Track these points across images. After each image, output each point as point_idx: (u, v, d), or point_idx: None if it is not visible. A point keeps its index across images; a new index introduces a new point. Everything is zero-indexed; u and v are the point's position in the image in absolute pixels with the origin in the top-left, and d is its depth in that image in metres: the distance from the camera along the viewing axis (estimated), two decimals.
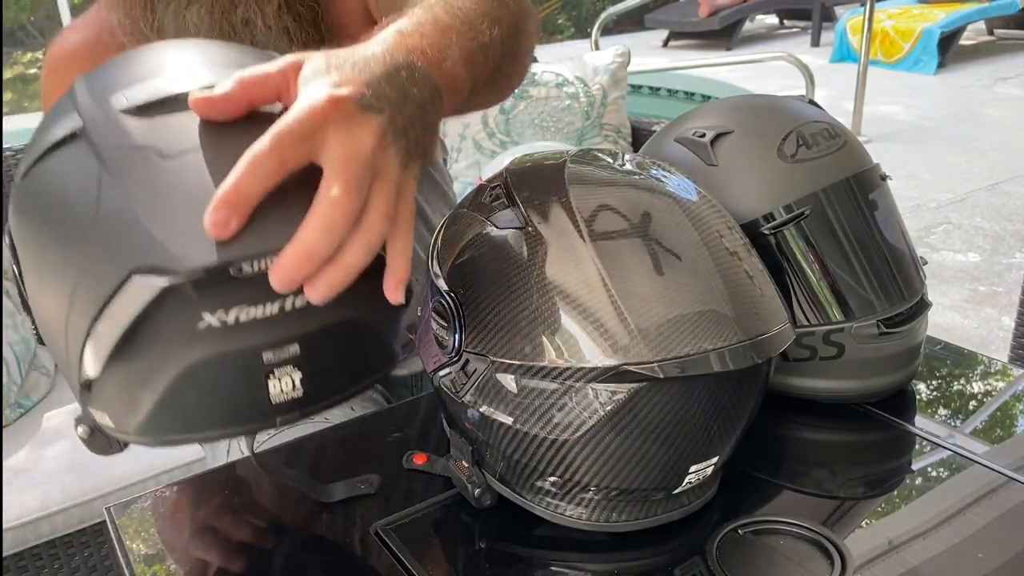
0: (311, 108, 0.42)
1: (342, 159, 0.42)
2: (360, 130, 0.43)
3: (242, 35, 0.77)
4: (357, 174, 0.42)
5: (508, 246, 0.60)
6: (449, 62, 0.55)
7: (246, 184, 0.41)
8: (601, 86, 2.43)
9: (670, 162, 0.72)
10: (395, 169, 0.45)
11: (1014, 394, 0.85)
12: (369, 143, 0.43)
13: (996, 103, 5.49)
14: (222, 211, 0.40)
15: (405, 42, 0.52)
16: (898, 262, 0.77)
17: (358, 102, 0.44)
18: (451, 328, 0.62)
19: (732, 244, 0.61)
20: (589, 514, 0.63)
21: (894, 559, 0.60)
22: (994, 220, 3.62)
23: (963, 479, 0.70)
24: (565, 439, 0.59)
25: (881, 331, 0.75)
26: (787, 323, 0.61)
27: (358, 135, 0.43)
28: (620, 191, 0.63)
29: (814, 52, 7.53)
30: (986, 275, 3.11)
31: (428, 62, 0.52)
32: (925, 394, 0.84)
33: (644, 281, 0.57)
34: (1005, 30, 7.44)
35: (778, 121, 0.78)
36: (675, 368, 0.55)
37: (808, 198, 0.74)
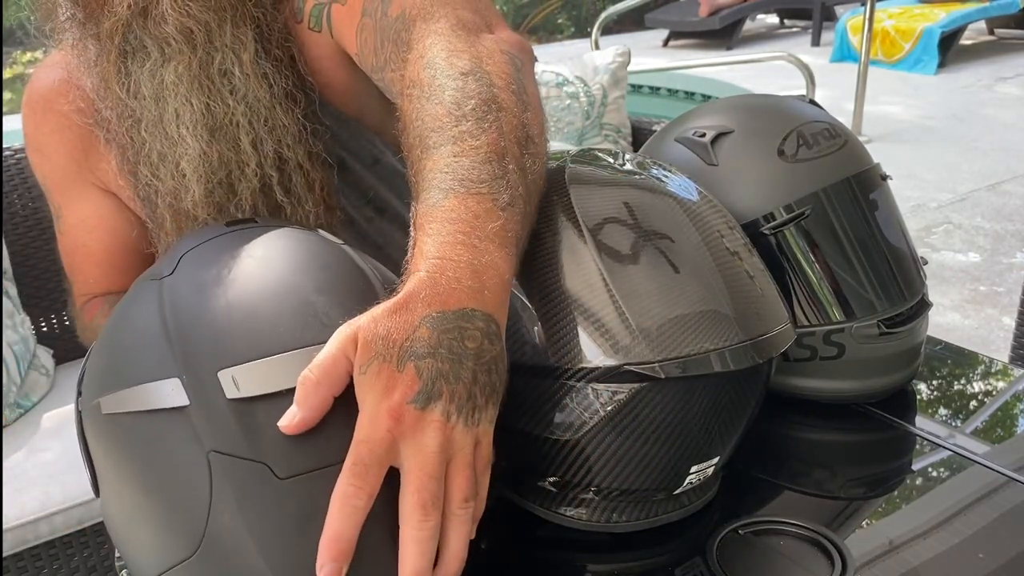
0: (373, 434, 0.44)
1: (413, 472, 0.45)
2: (423, 433, 0.45)
3: (220, 86, 0.76)
4: (430, 487, 0.45)
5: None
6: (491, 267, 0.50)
7: (344, 528, 0.43)
8: (601, 86, 2.43)
9: (670, 162, 0.72)
10: (468, 443, 0.47)
11: (1014, 394, 0.85)
12: (435, 443, 0.45)
13: (997, 103, 5.49)
14: (330, 566, 0.43)
15: (440, 285, 0.48)
16: (898, 262, 0.77)
17: (415, 404, 0.45)
18: None
19: (733, 244, 0.61)
20: (589, 514, 0.63)
21: (894, 559, 0.60)
22: (994, 220, 3.62)
23: (963, 479, 0.70)
24: (565, 439, 0.59)
25: (881, 331, 0.75)
26: (788, 323, 0.61)
27: (422, 441, 0.45)
28: (621, 191, 0.62)
29: (814, 52, 7.53)
30: (987, 275, 3.11)
31: (472, 294, 0.48)
32: (925, 394, 0.84)
33: (645, 281, 0.57)
34: (1006, 30, 7.44)
35: (778, 121, 0.78)
36: (676, 368, 0.55)
37: (808, 198, 0.74)
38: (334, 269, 0.53)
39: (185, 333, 0.48)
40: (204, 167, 0.77)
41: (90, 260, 0.91)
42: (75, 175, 0.86)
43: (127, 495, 0.48)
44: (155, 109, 0.76)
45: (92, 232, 0.89)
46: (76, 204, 0.88)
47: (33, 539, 1.35)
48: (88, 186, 0.87)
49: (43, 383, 1.65)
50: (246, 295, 0.49)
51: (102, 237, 0.89)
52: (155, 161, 0.78)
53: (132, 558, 0.50)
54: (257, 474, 0.44)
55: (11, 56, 6.43)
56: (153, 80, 0.75)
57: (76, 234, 0.90)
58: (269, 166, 0.78)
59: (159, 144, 0.77)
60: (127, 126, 0.78)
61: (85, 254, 0.91)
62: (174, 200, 0.79)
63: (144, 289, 0.53)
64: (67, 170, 0.86)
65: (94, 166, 0.86)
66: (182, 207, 0.79)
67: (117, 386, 0.48)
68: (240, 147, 0.77)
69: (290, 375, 0.46)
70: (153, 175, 0.78)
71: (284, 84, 0.79)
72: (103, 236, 0.89)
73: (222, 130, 0.77)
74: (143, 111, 0.77)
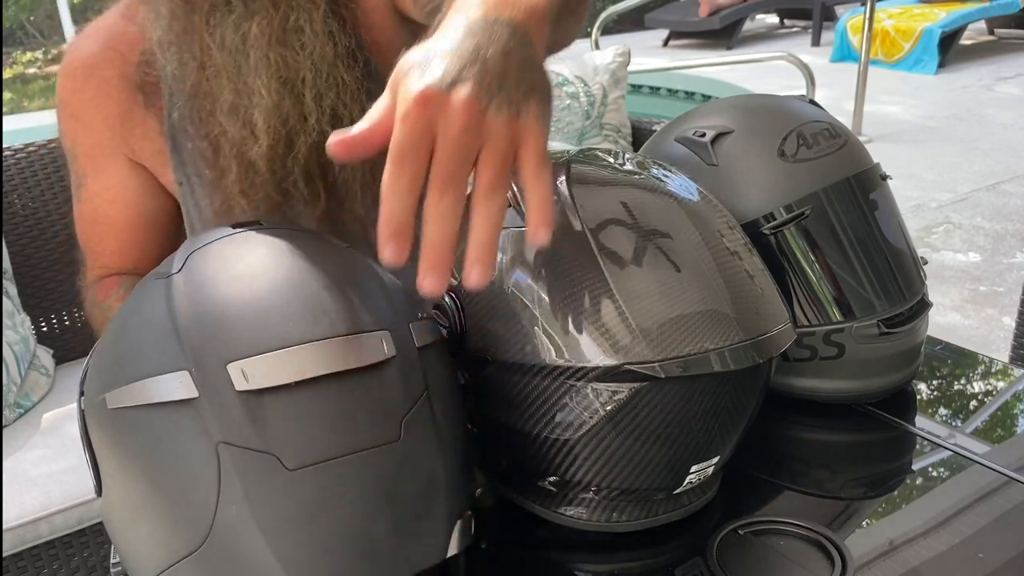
0: (405, 118, 0.45)
1: (436, 153, 0.46)
2: (449, 115, 0.45)
3: (293, 41, 0.79)
4: (448, 167, 0.45)
5: (509, 246, 0.60)
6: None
7: (392, 210, 0.45)
8: (601, 86, 2.43)
9: (670, 162, 0.72)
10: (502, 126, 0.46)
11: (1014, 394, 0.85)
12: (459, 124, 0.45)
13: (997, 103, 5.49)
14: (389, 245, 0.45)
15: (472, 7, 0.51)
16: (898, 262, 0.77)
17: (439, 87, 0.45)
18: (452, 328, 0.62)
19: (733, 244, 0.61)
20: (589, 514, 0.63)
21: (894, 559, 0.60)
22: (995, 220, 3.62)
23: (963, 479, 0.70)
24: (565, 439, 0.59)
25: (881, 331, 0.75)
26: (788, 323, 0.61)
27: (448, 121, 0.45)
28: (621, 191, 0.62)
29: (814, 52, 7.53)
30: (987, 275, 3.11)
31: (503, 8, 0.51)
32: (925, 394, 0.84)
33: (645, 281, 0.57)
34: (1006, 30, 7.44)
35: (779, 121, 0.78)
36: (676, 368, 0.55)
37: (808, 198, 0.74)
38: (341, 268, 0.53)
39: (194, 326, 0.48)
40: (274, 119, 0.80)
41: (110, 231, 0.91)
42: (108, 142, 0.87)
43: (132, 490, 0.48)
44: (234, 61, 0.79)
45: (115, 203, 0.90)
46: (103, 172, 0.89)
47: (33, 539, 1.35)
48: (119, 156, 0.88)
49: (43, 383, 1.65)
50: (255, 290, 0.50)
51: (125, 209, 0.90)
52: (226, 111, 0.80)
53: (134, 556, 0.50)
54: (266, 465, 0.45)
55: (11, 56, 6.43)
56: (236, 33, 0.78)
57: (98, 203, 0.90)
58: (326, 122, 0.81)
59: (232, 95, 0.80)
60: (204, 76, 0.81)
61: (106, 225, 0.91)
62: (240, 150, 0.82)
63: (151, 287, 0.53)
64: (101, 136, 0.87)
65: (128, 135, 0.87)
66: (247, 157, 0.82)
67: (124, 380, 0.48)
68: (304, 102, 0.80)
69: (299, 368, 0.46)
70: (223, 125, 0.81)
71: (346, 43, 0.82)
72: (125, 208, 0.90)
73: (290, 85, 0.80)
74: (223, 63, 0.79)
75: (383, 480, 0.47)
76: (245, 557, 0.45)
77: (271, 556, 0.44)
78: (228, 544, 0.45)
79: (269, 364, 0.46)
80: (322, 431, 0.46)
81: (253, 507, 0.44)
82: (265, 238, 0.54)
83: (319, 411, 0.46)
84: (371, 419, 0.47)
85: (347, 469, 0.46)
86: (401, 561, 0.47)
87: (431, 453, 0.49)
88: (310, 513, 0.45)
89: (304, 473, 0.45)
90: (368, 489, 0.46)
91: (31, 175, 1.72)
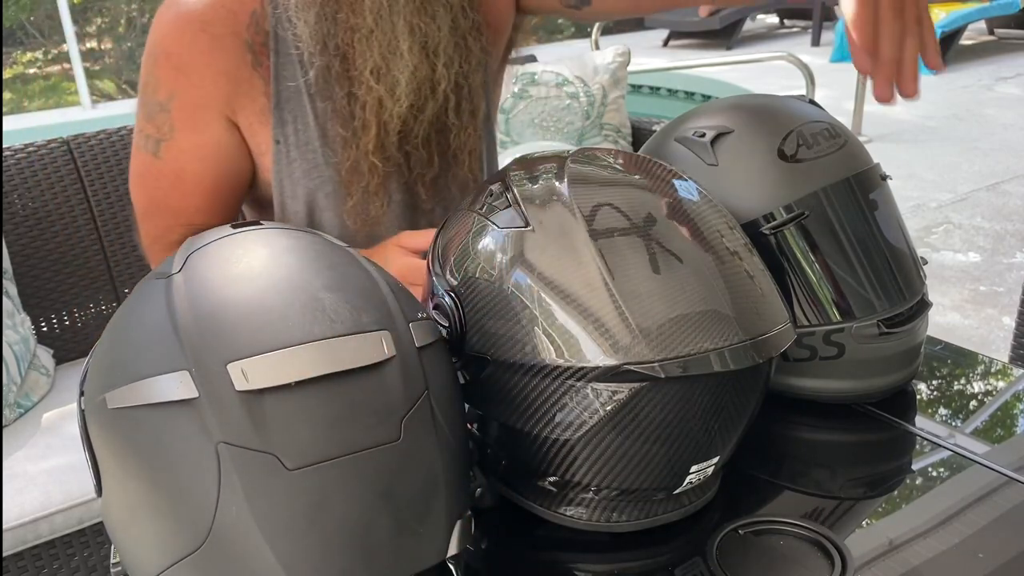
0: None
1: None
2: None
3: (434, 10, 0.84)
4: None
5: (509, 246, 0.60)
6: None
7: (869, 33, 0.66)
8: (601, 86, 2.43)
9: (670, 162, 0.72)
10: None
11: (1014, 394, 0.85)
12: None
13: (997, 103, 5.49)
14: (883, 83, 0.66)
15: None
16: (898, 262, 0.77)
17: None
18: (452, 328, 0.62)
19: (733, 244, 0.61)
20: (589, 514, 0.63)
21: (894, 559, 0.60)
22: (994, 220, 3.62)
23: (963, 479, 0.70)
24: (565, 439, 0.59)
25: (881, 331, 0.75)
26: (788, 323, 0.61)
27: None
28: (621, 191, 0.62)
29: (814, 52, 7.53)
30: (986, 275, 3.11)
31: None
32: (925, 394, 0.84)
33: (645, 281, 0.57)
34: (1005, 30, 7.44)
35: (778, 121, 0.78)
36: (676, 368, 0.55)
37: (808, 198, 0.74)
38: (340, 268, 0.53)
39: (194, 327, 0.48)
40: (414, 83, 0.85)
41: (198, 189, 0.91)
42: (212, 99, 0.87)
43: (132, 490, 0.48)
44: (379, 25, 0.83)
45: (206, 160, 0.90)
46: (200, 129, 0.89)
47: (33, 539, 1.35)
48: (219, 114, 0.88)
49: (43, 383, 1.65)
50: (255, 290, 0.50)
51: (216, 166, 0.90)
52: (372, 71, 0.84)
53: (135, 556, 0.50)
54: (266, 465, 0.45)
55: (11, 56, 6.43)
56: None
57: (186, 160, 0.89)
58: (450, 89, 0.88)
59: (379, 57, 0.83)
60: (353, 37, 0.84)
61: (193, 182, 0.91)
62: (378, 111, 0.86)
63: (151, 287, 0.53)
64: (207, 92, 0.87)
65: (233, 93, 0.87)
66: (383, 117, 0.86)
67: (124, 380, 0.48)
68: (436, 68, 0.86)
69: (299, 368, 0.46)
70: (370, 83, 0.85)
71: (475, 16, 0.88)
72: (216, 165, 0.90)
73: (427, 51, 0.85)
74: (372, 25, 0.83)
75: (383, 480, 0.47)
76: (245, 557, 0.45)
77: (271, 556, 0.44)
78: (228, 544, 0.45)
79: (269, 364, 0.46)
80: (322, 431, 0.46)
81: (253, 507, 0.44)
82: (265, 238, 0.54)
83: (319, 411, 0.46)
84: (371, 419, 0.47)
85: (347, 469, 0.46)
86: (401, 561, 0.47)
87: (431, 453, 0.49)
88: (310, 513, 0.45)
89: (304, 473, 0.45)
90: (368, 489, 0.46)
91: (31, 175, 1.72)
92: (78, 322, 1.79)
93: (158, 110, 0.89)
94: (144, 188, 0.93)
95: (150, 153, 0.90)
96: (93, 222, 1.77)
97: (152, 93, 0.88)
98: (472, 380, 0.63)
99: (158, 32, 0.87)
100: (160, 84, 0.88)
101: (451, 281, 0.64)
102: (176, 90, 0.87)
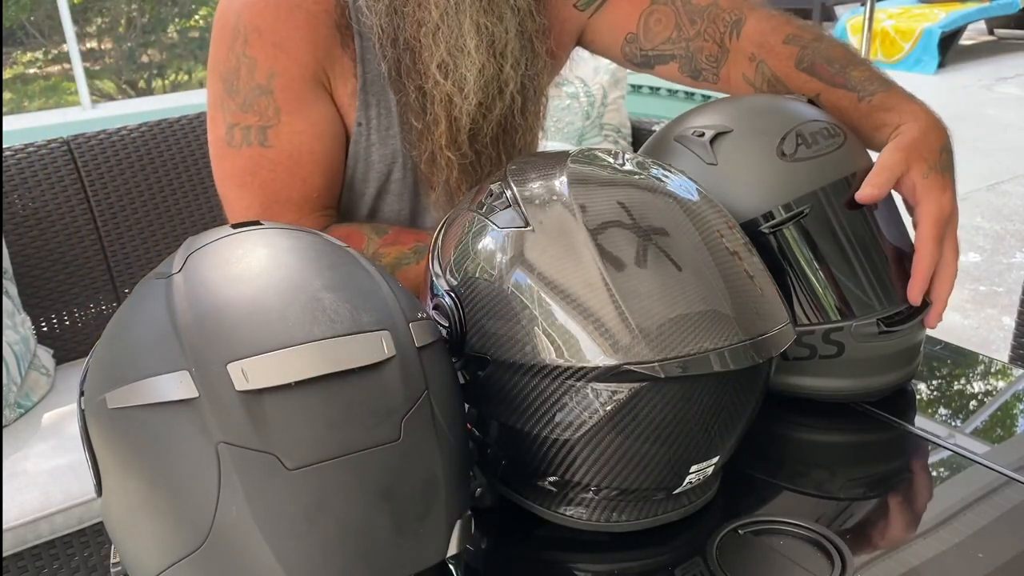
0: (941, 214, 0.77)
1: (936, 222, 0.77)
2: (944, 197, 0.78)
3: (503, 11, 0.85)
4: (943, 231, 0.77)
5: (509, 246, 0.60)
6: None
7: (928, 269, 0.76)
8: (601, 86, 2.43)
9: (669, 161, 0.72)
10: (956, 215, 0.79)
11: (1014, 394, 0.85)
12: (948, 205, 0.78)
13: (996, 103, 5.49)
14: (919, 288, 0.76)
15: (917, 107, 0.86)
16: (898, 261, 0.77)
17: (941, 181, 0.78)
18: (452, 328, 0.62)
19: (733, 243, 0.61)
20: (589, 514, 0.63)
21: (894, 559, 0.60)
22: (994, 220, 3.62)
23: (963, 479, 0.70)
24: (565, 439, 0.59)
25: (881, 330, 0.75)
26: (788, 323, 0.61)
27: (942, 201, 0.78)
28: (621, 191, 0.62)
29: None
30: (986, 275, 3.11)
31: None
32: (925, 394, 0.84)
33: (645, 281, 0.57)
34: (1005, 30, 7.44)
35: (777, 120, 0.78)
36: (676, 368, 0.55)
37: (807, 197, 0.74)
38: (340, 268, 0.53)
39: (194, 326, 0.48)
40: (482, 80, 0.86)
41: (317, 169, 0.88)
42: (313, 75, 0.86)
43: (132, 490, 0.48)
44: (445, 21, 0.84)
45: (322, 138, 0.88)
46: (308, 106, 0.86)
47: (33, 539, 1.35)
48: (322, 89, 0.87)
49: (43, 383, 1.65)
50: (255, 290, 0.50)
51: (331, 142, 0.89)
52: (439, 67, 0.85)
53: (134, 556, 0.50)
54: (266, 465, 0.45)
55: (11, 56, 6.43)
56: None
57: (301, 140, 0.86)
58: (517, 90, 0.89)
59: (446, 53, 0.84)
60: (421, 32, 0.84)
61: (311, 163, 0.88)
62: (448, 105, 0.87)
63: (151, 287, 0.53)
64: (307, 69, 0.85)
65: (330, 70, 0.87)
66: (453, 113, 0.87)
67: (124, 380, 0.48)
68: (504, 69, 0.87)
69: (299, 368, 0.46)
70: (437, 78, 0.85)
71: (541, 21, 0.90)
72: (332, 141, 0.89)
73: (494, 51, 0.86)
74: (439, 22, 0.84)
75: (383, 480, 0.47)
76: (245, 557, 0.45)
77: (271, 556, 0.44)
78: (228, 544, 0.45)
79: (269, 364, 0.46)
80: (322, 431, 0.46)
81: (253, 507, 0.44)
82: (265, 238, 0.54)
83: (319, 411, 0.46)
84: (371, 419, 0.47)
85: (347, 469, 0.46)
86: (401, 561, 0.47)
87: (431, 453, 0.49)
88: (310, 513, 0.45)
89: (304, 473, 0.45)
90: (368, 489, 0.46)
91: (31, 175, 1.72)
92: (78, 322, 1.79)
93: (258, 94, 0.84)
94: (255, 186, 0.87)
95: (256, 145, 0.86)
96: (93, 222, 1.77)
97: (248, 77, 0.84)
98: (472, 380, 0.63)
99: (242, 12, 0.84)
100: (256, 65, 0.84)
101: (451, 281, 0.64)
102: (276, 68, 0.84)
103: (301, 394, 0.46)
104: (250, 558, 0.44)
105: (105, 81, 5.89)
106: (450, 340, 0.62)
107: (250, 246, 0.53)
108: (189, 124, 1.88)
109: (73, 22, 4.92)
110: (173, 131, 1.86)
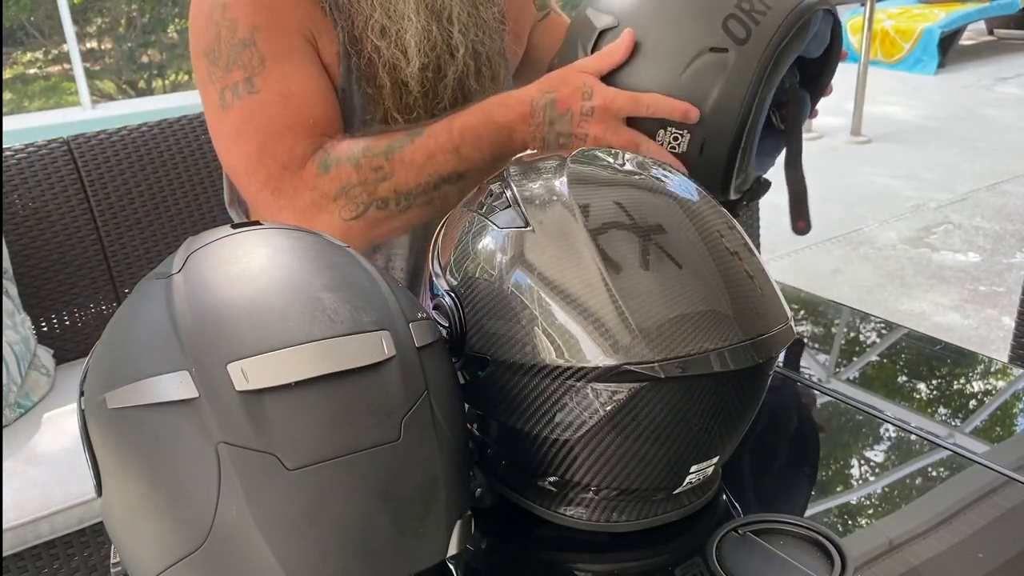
0: None
1: None
2: None
3: None
4: None
5: (509, 246, 0.60)
6: None
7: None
8: None
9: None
10: None
11: (1014, 394, 0.85)
12: None
13: (996, 103, 5.49)
14: None
15: None
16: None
17: None
18: (452, 328, 0.62)
19: (733, 243, 0.61)
20: (589, 514, 0.63)
21: (894, 559, 0.60)
22: (994, 220, 3.62)
23: (963, 479, 0.70)
24: (565, 439, 0.59)
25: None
26: (788, 323, 0.61)
27: None
28: (620, 191, 0.62)
29: None
30: (986, 275, 3.11)
31: None
32: (925, 394, 0.84)
33: (645, 281, 0.57)
34: (1005, 30, 7.43)
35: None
36: (676, 368, 0.55)
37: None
38: (340, 268, 0.53)
39: (194, 327, 0.48)
40: (424, 43, 0.89)
41: (313, 100, 0.89)
42: (296, 28, 0.87)
43: (132, 490, 0.48)
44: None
45: (311, 79, 0.89)
46: (291, 51, 0.88)
47: (33, 539, 1.35)
48: (306, 43, 0.89)
49: (43, 383, 1.65)
50: (255, 290, 0.50)
51: (320, 83, 0.90)
52: (378, 32, 0.88)
53: (134, 556, 0.50)
54: (266, 465, 0.45)
55: (11, 56, 6.43)
56: None
57: (289, 81, 0.87)
58: (469, 56, 0.93)
59: (383, 18, 0.87)
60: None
61: (301, 95, 0.88)
62: (392, 70, 0.90)
63: (151, 287, 0.53)
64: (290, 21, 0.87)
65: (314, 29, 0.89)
66: (399, 77, 0.90)
67: (124, 380, 0.48)
68: (452, 34, 0.91)
69: (299, 368, 0.46)
70: (375, 45, 0.88)
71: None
72: (321, 82, 0.90)
73: (437, 14, 0.89)
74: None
75: (383, 480, 0.47)
76: (245, 557, 0.45)
77: (271, 556, 0.44)
78: (228, 544, 0.45)
79: (269, 364, 0.46)
80: (322, 431, 0.46)
81: (253, 507, 0.44)
82: (265, 238, 0.54)
83: (319, 411, 0.46)
84: (371, 419, 0.47)
85: (347, 469, 0.46)
86: (401, 561, 0.47)
87: (431, 453, 0.49)
88: (310, 513, 0.45)
89: (304, 473, 0.45)
90: (368, 489, 0.46)
91: (31, 175, 1.72)
92: (78, 322, 1.79)
93: (241, 49, 0.86)
94: (249, 133, 0.87)
95: (245, 96, 0.86)
96: (93, 222, 1.77)
97: (229, 37, 0.85)
98: (472, 380, 0.63)
99: None
100: (238, 23, 0.85)
101: (451, 281, 0.64)
102: (259, 22, 0.86)
103: (301, 394, 0.46)
104: (250, 558, 0.45)
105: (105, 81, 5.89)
106: (450, 340, 0.62)
107: (250, 246, 0.53)
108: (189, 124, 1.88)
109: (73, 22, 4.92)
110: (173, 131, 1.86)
